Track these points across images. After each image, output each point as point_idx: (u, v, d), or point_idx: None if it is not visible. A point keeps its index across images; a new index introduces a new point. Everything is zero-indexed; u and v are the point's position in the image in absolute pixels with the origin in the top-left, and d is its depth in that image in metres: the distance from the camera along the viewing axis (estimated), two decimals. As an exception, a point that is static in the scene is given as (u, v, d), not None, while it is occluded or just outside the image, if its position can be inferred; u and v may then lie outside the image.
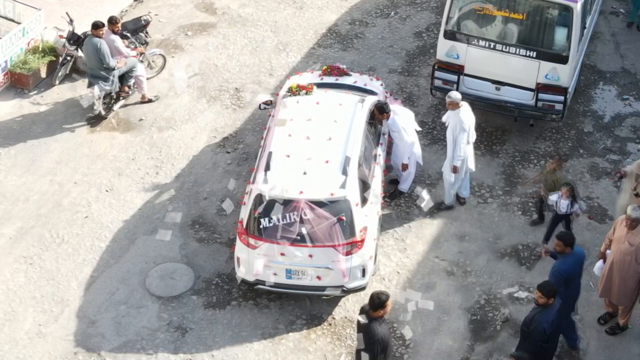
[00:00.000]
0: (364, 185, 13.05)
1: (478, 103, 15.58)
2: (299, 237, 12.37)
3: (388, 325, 12.44)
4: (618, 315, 12.79)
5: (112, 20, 15.98)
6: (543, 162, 15.53)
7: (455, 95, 13.94)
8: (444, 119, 14.34)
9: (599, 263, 12.65)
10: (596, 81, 17.42)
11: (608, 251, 12.51)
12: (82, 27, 17.58)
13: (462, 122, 13.84)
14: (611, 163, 15.55)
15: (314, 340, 12.72)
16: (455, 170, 14.15)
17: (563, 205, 13.32)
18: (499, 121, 16.18)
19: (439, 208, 14.54)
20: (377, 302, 10.71)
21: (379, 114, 14.17)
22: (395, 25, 18.78)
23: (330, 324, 12.94)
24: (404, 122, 14.24)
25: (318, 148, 13.11)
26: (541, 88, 15.18)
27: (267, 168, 12.80)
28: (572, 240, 11.86)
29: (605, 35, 18.60)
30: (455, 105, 13.88)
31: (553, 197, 13.41)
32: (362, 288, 12.89)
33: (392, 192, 14.76)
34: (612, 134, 16.24)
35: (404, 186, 14.74)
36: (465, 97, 15.48)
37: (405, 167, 14.31)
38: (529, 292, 13.28)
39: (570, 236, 11.93)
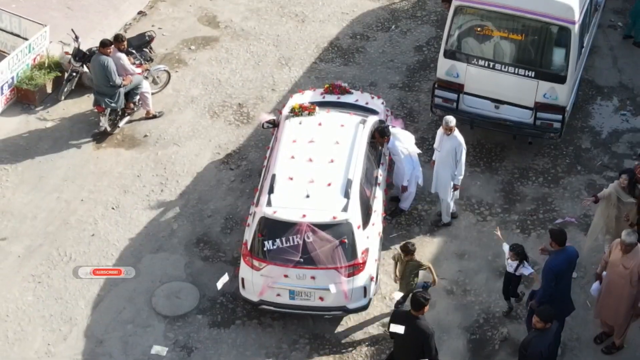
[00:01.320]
0: (366, 207, 13.34)
1: (478, 121, 15.86)
2: (302, 260, 12.67)
3: (389, 345, 12.86)
4: (614, 335, 13.08)
5: (119, 39, 16.24)
6: (541, 179, 15.83)
7: (453, 120, 14.18)
8: (436, 145, 14.55)
9: (596, 284, 12.95)
10: (594, 96, 17.68)
11: (604, 273, 12.80)
12: (88, 41, 17.88)
13: (460, 143, 14.11)
14: (608, 180, 15.79)
15: (316, 360, 13.05)
16: (456, 188, 14.43)
17: (510, 265, 13.15)
18: (498, 138, 16.45)
19: (437, 225, 14.82)
20: (420, 302, 11.44)
21: (379, 137, 14.42)
22: (396, 39, 19.02)
23: (332, 344, 13.24)
24: (404, 145, 14.50)
25: (320, 170, 13.39)
26: (540, 107, 15.45)
27: (271, 191, 13.08)
28: (563, 238, 12.19)
29: (603, 50, 18.84)
30: (452, 130, 14.12)
31: (504, 248, 13.25)
32: (364, 308, 13.20)
33: (393, 210, 15.04)
34: (609, 150, 16.51)
35: (405, 205, 15.01)
36: (465, 115, 15.84)
37: (404, 189, 14.59)
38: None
39: (560, 233, 12.25)
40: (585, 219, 15.03)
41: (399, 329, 11.46)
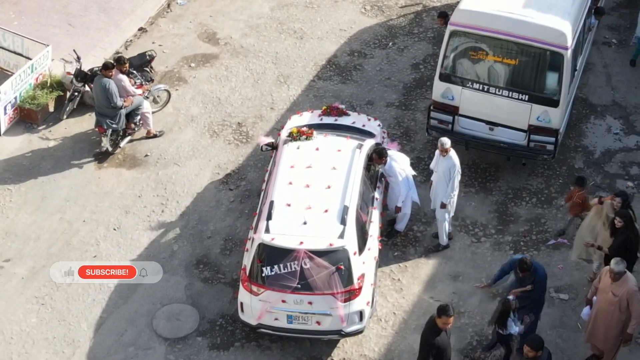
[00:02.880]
0: (362, 232, 13.65)
1: (472, 142, 16.16)
2: (299, 286, 12.98)
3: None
4: (603, 359, 13.39)
5: (120, 61, 16.52)
6: (534, 200, 16.12)
7: (448, 142, 14.48)
8: (432, 166, 14.86)
9: (586, 309, 13.26)
10: (587, 115, 17.96)
11: (595, 298, 13.11)
12: (89, 58, 18.18)
13: (455, 164, 14.42)
14: (601, 201, 16.09)
15: (314, 382, 13.37)
16: (443, 205, 14.71)
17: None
18: (493, 158, 16.73)
19: (436, 250, 15.11)
20: (442, 309, 11.77)
21: (377, 158, 14.72)
22: (393, 56, 19.30)
23: (329, 366, 13.59)
24: (400, 166, 14.80)
25: (317, 196, 13.69)
26: (533, 130, 15.74)
27: (269, 217, 13.38)
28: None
29: (598, 67, 19.11)
30: (448, 151, 14.42)
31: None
32: (360, 331, 13.53)
33: (389, 231, 15.34)
34: (602, 170, 16.80)
35: (400, 226, 15.31)
36: (460, 136, 16.13)
37: (397, 210, 14.89)
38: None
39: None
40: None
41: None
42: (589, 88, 18.60)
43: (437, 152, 14.85)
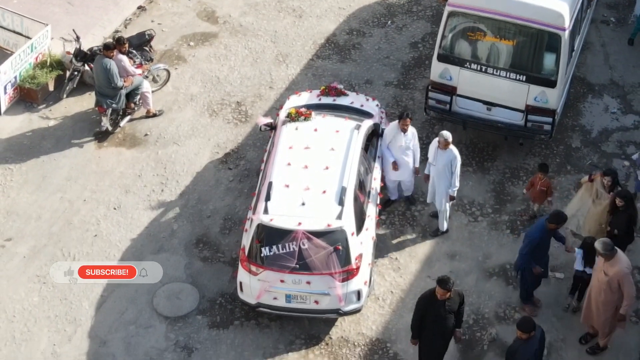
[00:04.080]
0: (360, 213, 13.79)
1: (470, 122, 16.25)
2: (297, 266, 13.14)
3: (382, 345, 13.38)
4: (598, 336, 13.58)
5: (120, 41, 16.59)
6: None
7: (450, 136, 14.49)
8: (431, 159, 14.80)
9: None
10: (585, 94, 18.04)
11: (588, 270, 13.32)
12: (88, 37, 18.22)
13: (456, 156, 14.48)
14: (597, 179, 16.22)
15: (312, 360, 13.57)
16: (452, 198, 14.87)
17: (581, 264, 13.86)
18: (490, 137, 16.84)
19: (435, 234, 15.24)
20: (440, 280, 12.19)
21: (405, 119, 14.82)
22: (392, 35, 19.34)
23: (327, 344, 13.74)
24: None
25: (315, 178, 13.81)
26: (530, 110, 15.84)
27: (268, 198, 13.52)
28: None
29: (596, 46, 19.17)
30: (449, 145, 14.46)
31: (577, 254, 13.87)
32: (358, 311, 13.70)
33: (386, 201, 15.52)
34: (599, 149, 16.90)
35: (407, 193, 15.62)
36: (458, 116, 16.24)
37: (395, 166, 15.06)
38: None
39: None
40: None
41: None
42: (586, 67, 18.67)
43: (433, 145, 14.77)
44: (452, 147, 14.50)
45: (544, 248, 13.58)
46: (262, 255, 13.26)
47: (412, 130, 15.07)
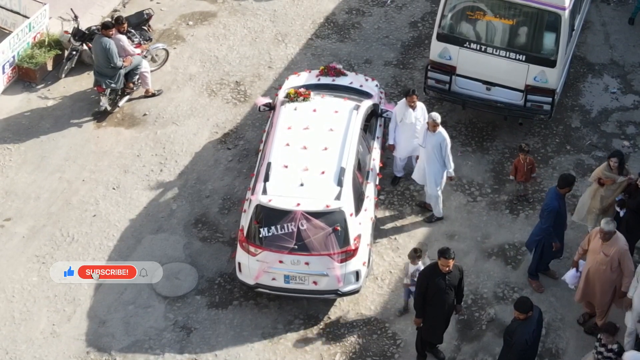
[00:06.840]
0: (358, 194, 13.78)
1: (469, 102, 16.22)
2: (296, 246, 13.15)
3: (380, 325, 13.41)
4: (596, 316, 13.62)
5: (119, 21, 16.55)
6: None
7: (439, 117, 14.44)
8: (421, 142, 14.68)
9: (572, 272, 13.45)
10: (585, 74, 17.98)
11: (581, 261, 13.32)
12: (87, 16, 18.15)
13: (445, 138, 14.41)
14: (596, 160, 16.20)
15: (311, 340, 13.57)
16: (452, 179, 14.90)
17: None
18: (490, 117, 16.80)
19: (429, 221, 15.21)
20: (441, 250, 12.35)
21: (412, 96, 14.84)
22: (391, 14, 19.26)
23: (326, 324, 13.78)
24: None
25: (314, 158, 13.80)
26: (530, 89, 15.80)
27: (266, 179, 13.51)
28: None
29: (596, 25, 19.08)
30: (438, 126, 14.40)
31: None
32: (356, 291, 13.73)
33: (393, 178, 15.62)
34: (598, 129, 16.87)
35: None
36: (457, 96, 16.20)
37: (391, 148, 15.10)
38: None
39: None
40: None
41: None
42: (586, 46, 18.59)
43: (421, 127, 14.77)
44: (441, 129, 14.41)
45: (563, 216, 13.68)
46: (260, 236, 13.27)
47: (420, 106, 15.07)
